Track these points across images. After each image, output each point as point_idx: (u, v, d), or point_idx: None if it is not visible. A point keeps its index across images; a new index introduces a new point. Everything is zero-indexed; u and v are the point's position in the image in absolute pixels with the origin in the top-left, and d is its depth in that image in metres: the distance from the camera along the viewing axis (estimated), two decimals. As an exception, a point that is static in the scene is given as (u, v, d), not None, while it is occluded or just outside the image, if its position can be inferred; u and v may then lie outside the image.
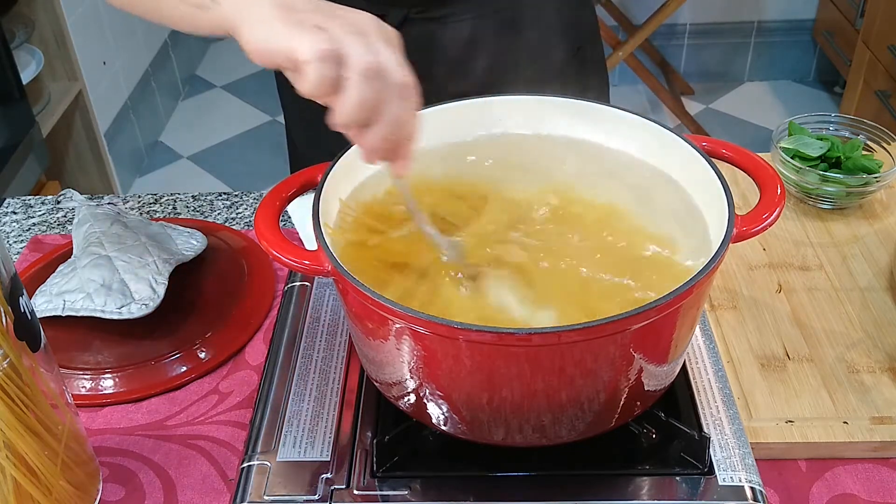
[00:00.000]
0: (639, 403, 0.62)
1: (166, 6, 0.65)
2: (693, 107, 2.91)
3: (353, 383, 0.69)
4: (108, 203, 0.98)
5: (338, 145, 0.63)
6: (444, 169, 0.70)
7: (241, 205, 1.02)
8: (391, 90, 0.54)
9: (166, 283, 0.81)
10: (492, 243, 0.64)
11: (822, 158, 0.94)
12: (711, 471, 0.61)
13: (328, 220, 0.63)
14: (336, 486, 0.61)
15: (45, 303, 0.80)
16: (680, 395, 0.67)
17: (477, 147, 0.72)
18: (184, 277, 0.86)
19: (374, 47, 0.53)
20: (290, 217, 0.98)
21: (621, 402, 0.59)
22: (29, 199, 1.04)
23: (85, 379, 0.78)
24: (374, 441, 0.62)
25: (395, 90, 0.54)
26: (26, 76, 1.99)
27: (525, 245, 0.64)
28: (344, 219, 0.65)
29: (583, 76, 1.03)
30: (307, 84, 0.53)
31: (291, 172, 1.13)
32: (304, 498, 0.61)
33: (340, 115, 0.54)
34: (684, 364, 0.69)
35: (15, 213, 1.03)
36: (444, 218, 0.66)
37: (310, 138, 1.07)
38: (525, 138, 0.73)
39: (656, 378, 0.60)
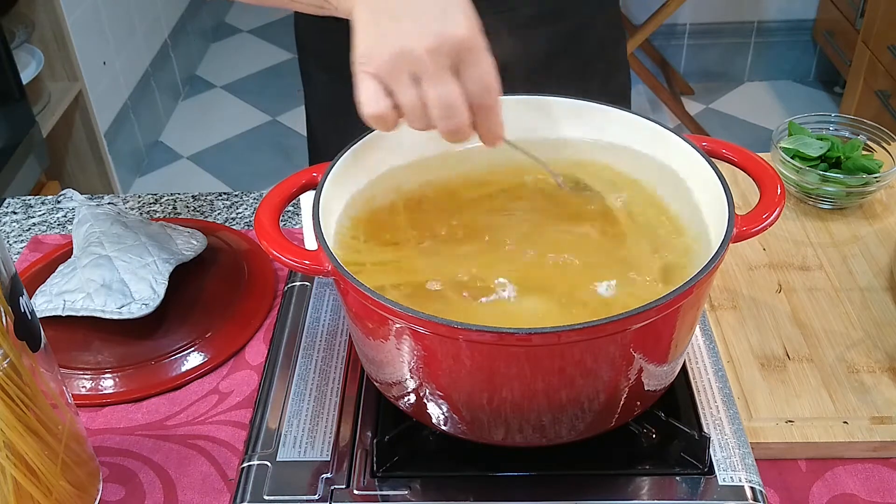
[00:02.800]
0: (639, 403, 0.62)
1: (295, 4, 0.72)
2: (693, 107, 2.91)
3: (353, 383, 0.69)
4: (108, 203, 0.98)
5: (360, 133, 0.64)
6: (440, 170, 0.71)
7: (241, 205, 1.02)
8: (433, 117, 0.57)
9: (166, 282, 0.81)
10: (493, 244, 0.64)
11: (822, 158, 0.94)
12: (711, 471, 0.61)
13: (331, 219, 0.63)
14: (336, 486, 0.61)
15: (45, 303, 0.80)
16: (680, 395, 0.67)
17: (476, 148, 0.72)
18: (184, 277, 0.86)
19: (427, 84, 0.57)
20: (289, 217, 0.99)
21: (621, 402, 0.59)
22: (29, 199, 1.05)
23: (85, 379, 0.78)
24: (374, 441, 0.62)
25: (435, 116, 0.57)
26: (26, 76, 1.99)
27: (522, 242, 0.64)
28: (346, 218, 0.65)
29: (606, 77, 1.02)
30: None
31: (311, 162, 1.12)
32: (304, 498, 0.61)
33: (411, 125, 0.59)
34: (684, 364, 0.69)
35: (15, 213, 1.03)
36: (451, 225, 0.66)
37: (331, 127, 1.06)
38: (523, 138, 0.72)
39: (656, 378, 0.60)
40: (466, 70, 0.57)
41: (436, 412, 0.60)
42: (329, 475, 0.62)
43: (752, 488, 0.60)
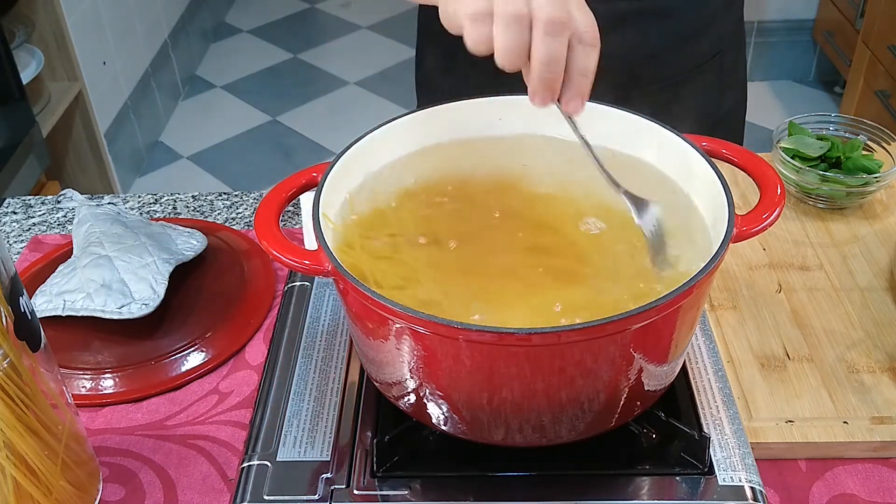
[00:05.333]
0: (639, 403, 0.62)
1: None
2: (693, 107, 2.91)
3: (353, 383, 0.69)
4: (108, 203, 0.98)
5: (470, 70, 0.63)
6: (440, 170, 0.71)
7: (241, 205, 1.02)
8: (537, 31, 0.56)
9: (166, 282, 0.81)
10: (496, 247, 0.64)
11: (822, 158, 0.94)
12: (711, 471, 0.61)
13: (331, 218, 0.63)
14: (336, 486, 0.61)
15: (45, 303, 0.80)
16: (680, 395, 0.67)
17: (476, 148, 0.72)
18: (184, 277, 0.86)
19: None
20: (289, 217, 0.99)
21: (621, 402, 0.59)
22: (29, 199, 1.05)
23: (85, 379, 0.78)
24: (374, 441, 0.62)
25: (540, 30, 0.56)
26: (26, 76, 2.00)
27: (524, 243, 0.64)
28: (346, 218, 0.65)
29: (716, 85, 0.97)
30: (468, 41, 0.58)
31: (419, 100, 1.09)
32: (304, 498, 0.61)
33: (497, 61, 0.58)
34: (684, 364, 0.69)
35: (15, 213, 1.03)
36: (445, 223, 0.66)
37: (442, 64, 1.03)
38: (524, 139, 0.73)
39: (656, 378, 0.60)
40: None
41: (436, 412, 0.60)
42: (329, 475, 0.62)
43: (752, 488, 0.60)
